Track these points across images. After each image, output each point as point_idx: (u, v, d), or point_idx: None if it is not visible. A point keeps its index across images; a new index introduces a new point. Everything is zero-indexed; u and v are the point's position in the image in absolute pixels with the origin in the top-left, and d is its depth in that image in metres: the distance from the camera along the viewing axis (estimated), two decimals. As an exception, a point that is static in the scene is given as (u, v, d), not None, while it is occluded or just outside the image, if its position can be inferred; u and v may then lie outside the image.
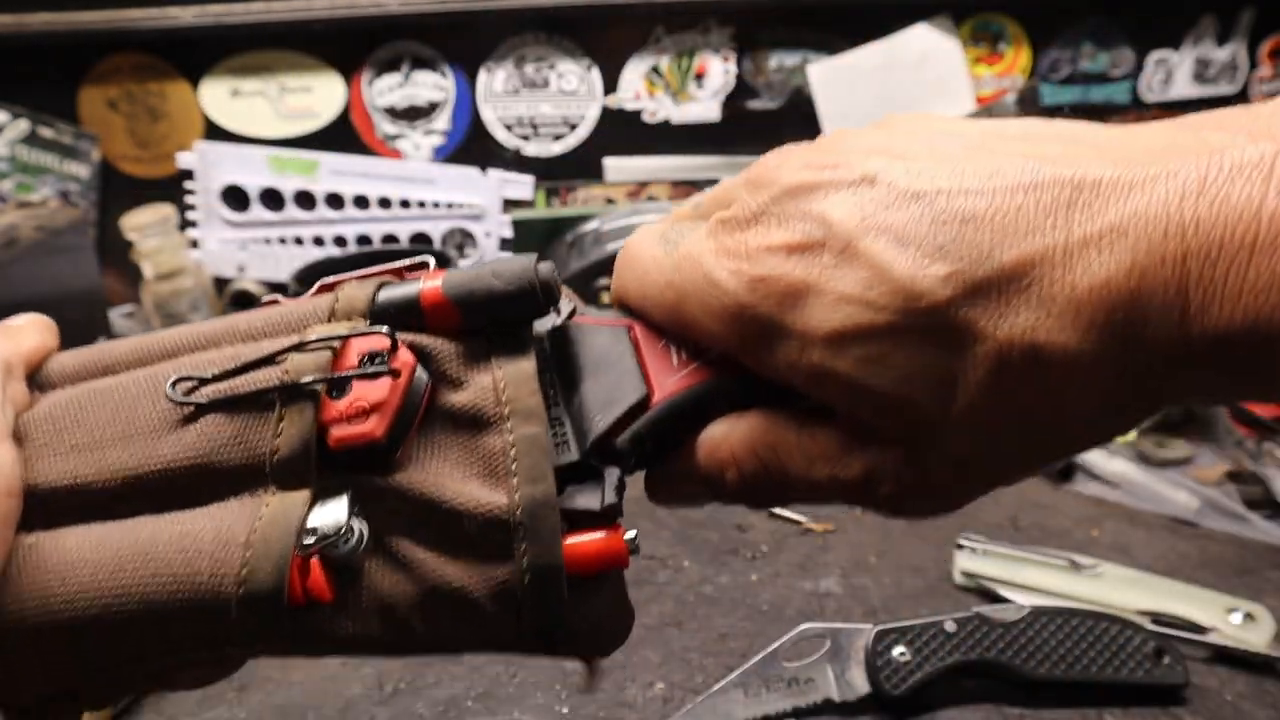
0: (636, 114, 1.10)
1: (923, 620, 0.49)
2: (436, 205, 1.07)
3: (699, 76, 1.09)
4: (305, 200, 1.06)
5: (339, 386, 0.27)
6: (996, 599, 0.57)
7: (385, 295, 0.29)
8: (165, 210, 0.96)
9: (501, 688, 0.51)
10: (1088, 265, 0.22)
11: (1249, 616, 0.52)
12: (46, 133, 1.03)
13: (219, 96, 1.06)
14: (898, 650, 0.48)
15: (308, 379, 0.27)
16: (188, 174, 1.05)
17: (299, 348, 0.27)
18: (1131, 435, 0.78)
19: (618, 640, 0.29)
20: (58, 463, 0.27)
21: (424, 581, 0.27)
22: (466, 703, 0.50)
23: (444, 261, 0.77)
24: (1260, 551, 0.63)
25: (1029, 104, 1.10)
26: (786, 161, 0.28)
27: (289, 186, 1.05)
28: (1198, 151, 0.22)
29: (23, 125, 1.02)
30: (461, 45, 1.06)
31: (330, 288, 0.31)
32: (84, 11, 0.98)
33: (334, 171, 1.06)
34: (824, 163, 0.27)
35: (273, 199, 1.06)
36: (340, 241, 1.07)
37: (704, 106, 1.11)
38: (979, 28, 1.10)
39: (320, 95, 1.07)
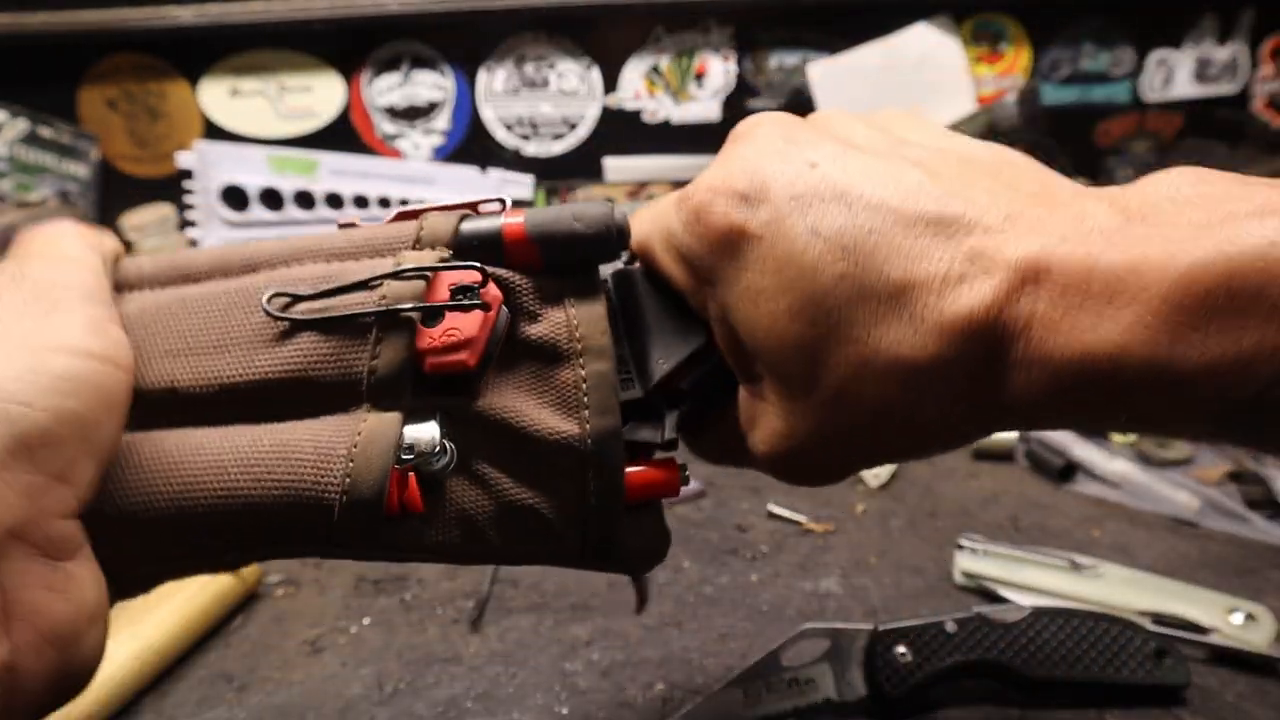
0: (636, 114, 1.10)
1: (923, 621, 0.49)
2: (436, 205, 1.07)
3: (699, 76, 1.09)
4: (305, 200, 1.06)
5: (432, 315, 0.29)
6: (997, 599, 0.57)
7: (469, 227, 0.31)
8: (165, 210, 0.96)
9: (501, 688, 0.51)
10: (958, 296, 0.26)
11: (1250, 617, 0.52)
12: (46, 132, 1.03)
13: (218, 96, 1.05)
14: (898, 650, 0.48)
15: (405, 306, 0.29)
16: (187, 174, 1.05)
17: (395, 275, 0.29)
18: (1133, 435, 0.78)
19: (658, 558, 0.33)
20: (154, 366, 0.29)
21: (502, 498, 0.29)
22: (466, 703, 0.50)
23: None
24: (1261, 552, 0.63)
25: (1029, 104, 1.10)
26: (766, 123, 0.32)
27: (288, 186, 1.05)
28: (1073, 214, 0.26)
29: (22, 125, 1.02)
30: (461, 45, 1.06)
31: (411, 215, 0.32)
32: (83, 11, 0.98)
33: (334, 171, 1.06)
34: (792, 135, 0.31)
35: (272, 199, 1.06)
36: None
37: (704, 106, 1.11)
38: (979, 27, 1.10)
39: (320, 95, 1.06)
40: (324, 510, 0.27)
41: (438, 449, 0.28)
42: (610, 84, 1.09)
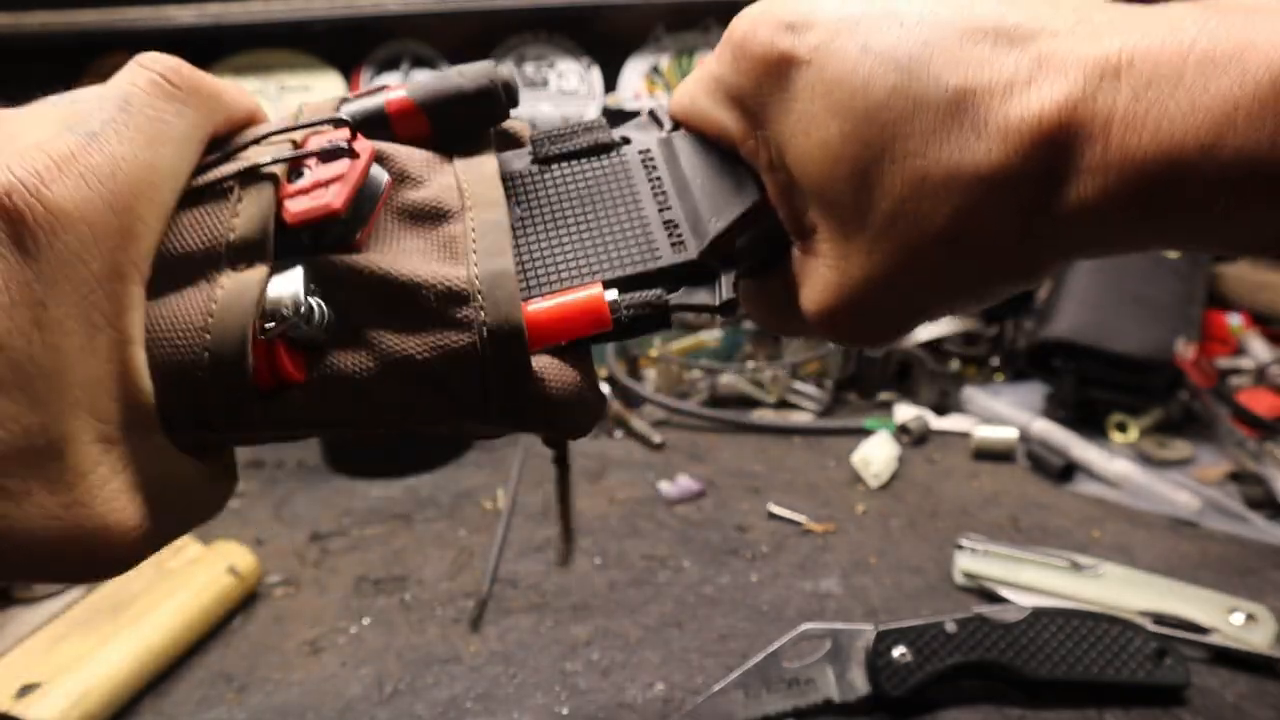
0: (636, 113, 1.10)
1: (923, 621, 0.49)
2: (436, 205, 1.07)
3: (699, 76, 1.09)
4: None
5: (298, 172, 0.27)
6: (997, 599, 0.57)
7: (351, 107, 0.30)
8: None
9: (501, 688, 0.51)
10: (1027, 99, 0.24)
11: (1250, 617, 0.52)
12: (46, 132, 1.03)
13: (218, 96, 1.05)
14: (898, 651, 0.48)
15: (264, 161, 0.27)
16: (187, 174, 1.05)
17: (257, 141, 0.28)
18: (1133, 436, 0.78)
19: (581, 414, 0.29)
20: None
21: (387, 356, 0.27)
22: (466, 703, 0.50)
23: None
24: (1261, 552, 0.62)
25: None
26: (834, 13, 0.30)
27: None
28: (1153, 12, 0.25)
29: (22, 125, 1.02)
30: (461, 45, 1.06)
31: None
32: (82, 11, 0.98)
33: (334, 171, 1.06)
34: None
35: (272, 199, 1.06)
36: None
37: (704, 106, 1.11)
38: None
39: (319, 94, 1.06)
40: (192, 387, 0.25)
41: (304, 308, 0.25)
42: (610, 84, 1.09)
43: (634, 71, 1.09)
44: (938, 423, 0.82)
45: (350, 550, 0.66)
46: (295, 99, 1.06)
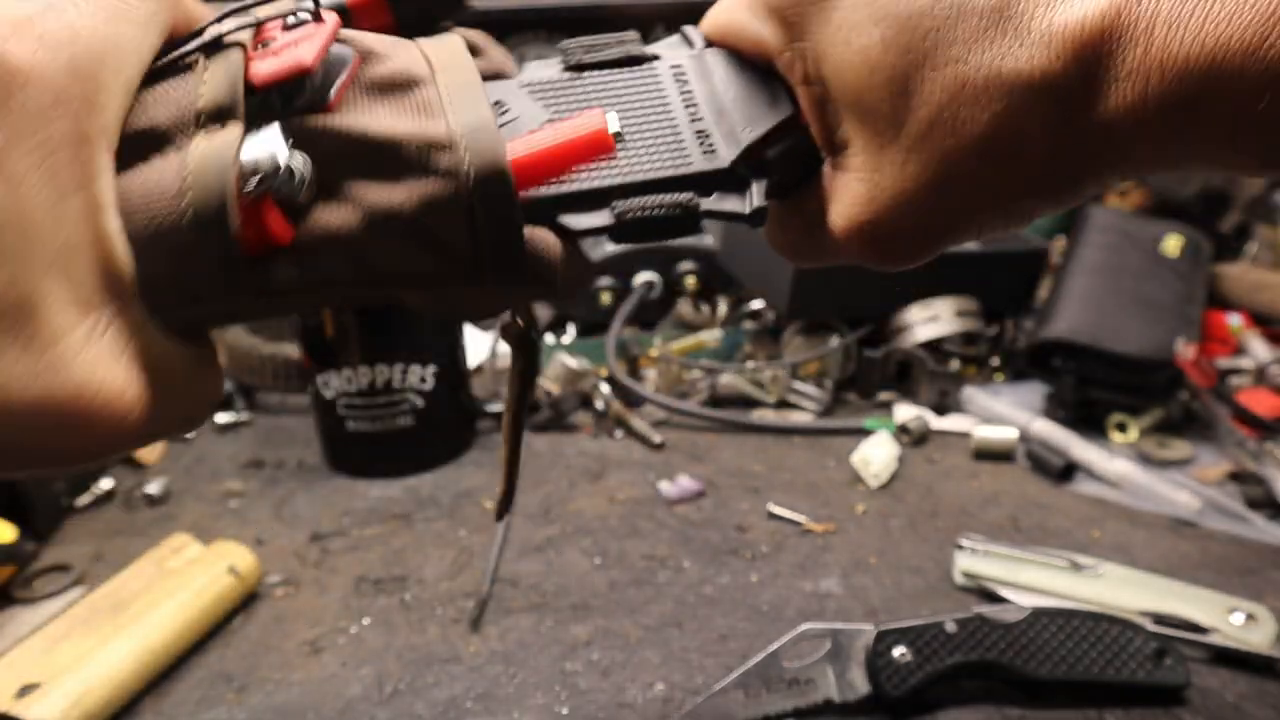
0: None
1: (923, 621, 0.49)
2: (436, 205, 1.07)
3: (699, 76, 1.09)
4: None
5: (264, 44, 0.27)
6: (997, 599, 0.57)
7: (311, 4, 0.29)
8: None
9: (501, 688, 0.51)
10: (1070, 5, 0.25)
11: (1250, 617, 0.52)
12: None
13: (219, 96, 1.05)
14: (898, 651, 0.48)
15: (227, 29, 0.27)
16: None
17: (218, 20, 0.27)
18: (1133, 436, 0.78)
19: (575, 270, 0.29)
20: None
21: (374, 211, 0.26)
22: (466, 703, 0.50)
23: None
24: (1262, 552, 0.62)
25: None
26: None
27: None
28: None
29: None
30: (461, 45, 1.06)
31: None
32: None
33: (334, 171, 1.06)
34: None
35: (272, 199, 1.06)
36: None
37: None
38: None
39: (320, 95, 1.07)
40: (175, 255, 0.24)
41: (284, 164, 0.25)
42: (610, 84, 1.09)
43: (634, 72, 1.09)
44: (938, 423, 0.82)
45: (350, 550, 0.66)
46: (295, 99, 1.06)
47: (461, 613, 0.58)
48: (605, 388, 0.87)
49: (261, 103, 0.26)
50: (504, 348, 0.94)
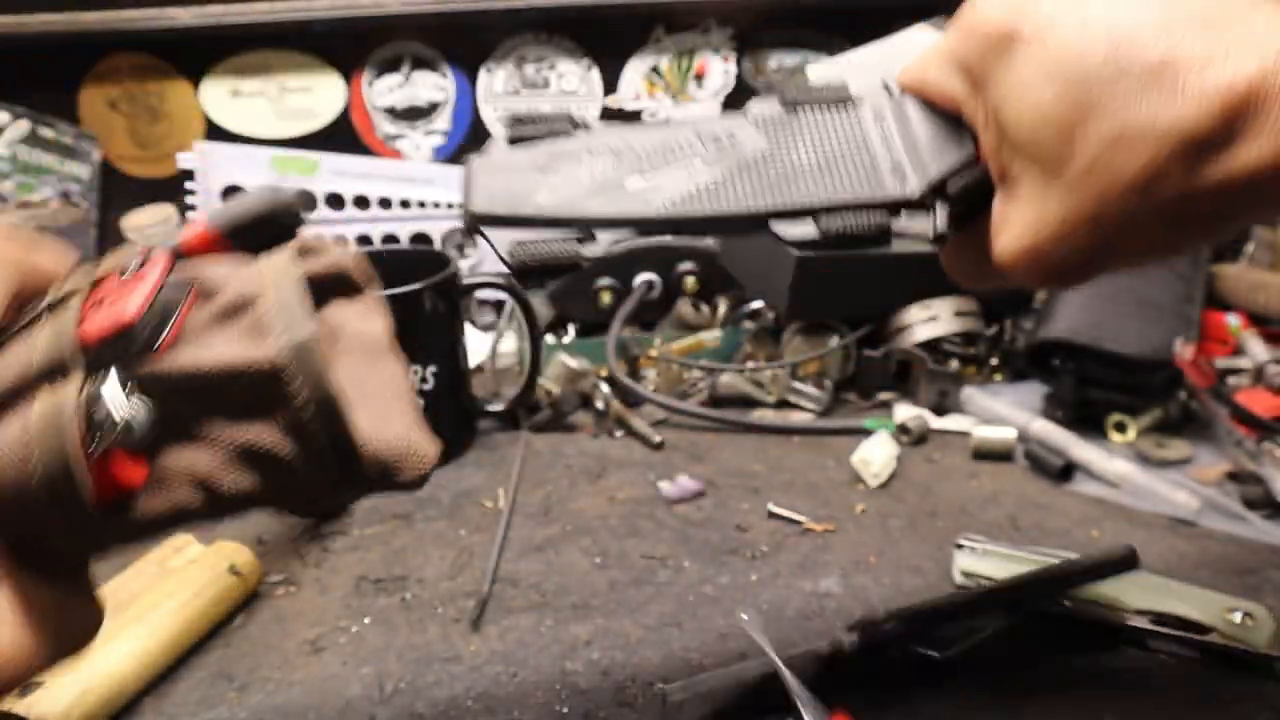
0: (636, 114, 1.10)
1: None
2: (437, 205, 1.07)
3: (699, 77, 1.09)
4: (306, 200, 1.06)
5: (99, 302, 0.28)
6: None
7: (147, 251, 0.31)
8: (166, 210, 0.96)
9: (501, 687, 0.51)
10: (1222, 69, 0.29)
11: (1249, 616, 0.52)
12: (47, 133, 1.03)
13: (219, 97, 1.06)
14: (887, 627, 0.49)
15: (64, 291, 0.28)
16: (188, 174, 1.05)
17: (68, 276, 0.29)
18: (1132, 435, 0.78)
19: (421, 462, 0.30)
20: None
21: (217, 441, 0.28)
22: (466, 702, 0.50)
23: (445, 261, 0.77)
24: (1260, 551, 0.63)
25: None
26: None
27: (290, 186, 1.05)
28: None
29: (23, 126, 1.02)
30: (461, 45, 1.06)
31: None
32: (84, 12, 0.98)
33: (334, 171, 1.06)
34: None
35: (273, 199, 1.06)
36: (340, 242, 1.07)
37: (704, 107, 1.11)
38: (979, 28, 1.10)
39: (320, 95, 1.07)
40: (29, 515, 0.25)
41: (124, 411, 0.26)
42: (610, 84, 1.09)
43: (634, 72, 1.09)
44: (937, 422, 0.82)
45: (351, 550, 0.66)
46: (296, 100, 1.07)
47: (462, 612, 0.58)
48: (605, 388, 0.87)
49: (98, 356, 0.27)
50: (504, 347, 0.95)
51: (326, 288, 0.33)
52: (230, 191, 1.05)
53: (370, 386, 0.31)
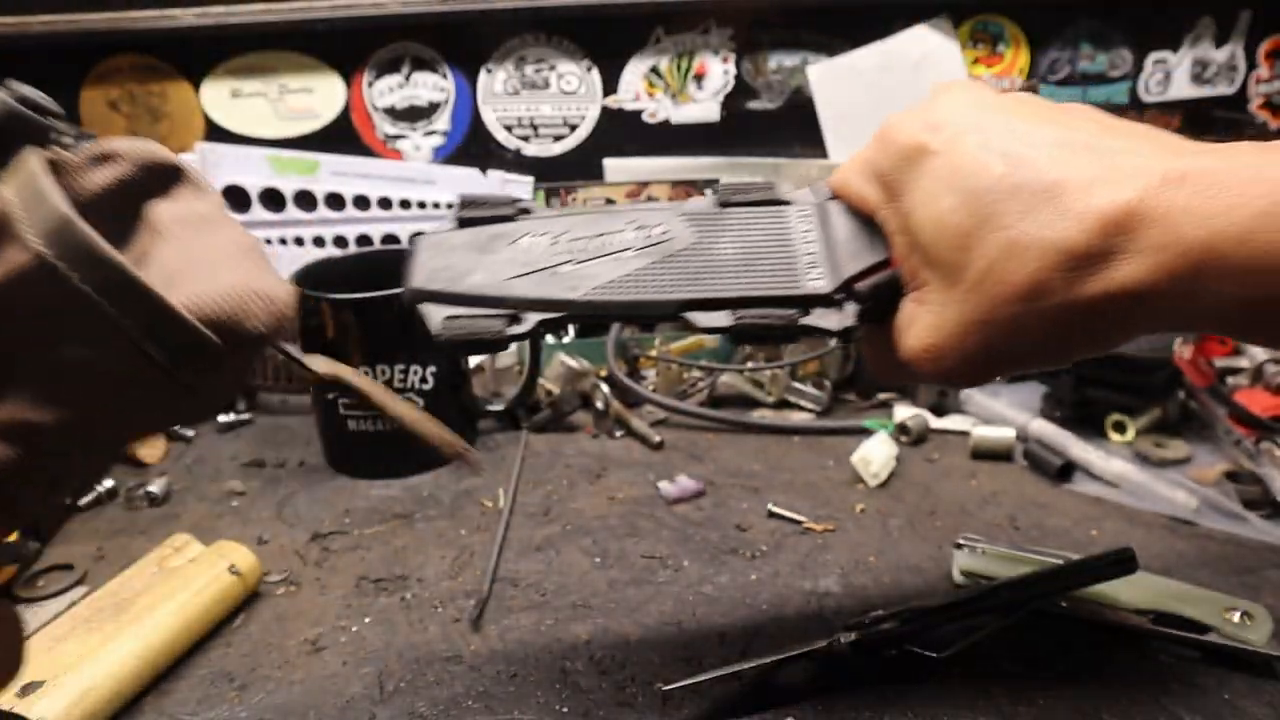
0: (636, 114, 1.10)
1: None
2: (437, 206, 1.07)
3: (698, 77, 1.09)
4: (306, 200, 1.06)
5: None
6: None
7: None
8: (166, 211, 0.96)
9: (501, 687, 0.52)
10: (1106, 192, 0.32)
11: (1247, 615, 0.52)
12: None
13: (219, 97, 1.06)
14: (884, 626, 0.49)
15: None
16: (188, 174, 1.05)
17: None
18: (1131, 435, 0.78)
19: (266, 307, 0.29)
20: None
21: (30, 384, 0.27)
22: (467, 702, 0.51)
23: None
24: (1259, 551, 0.63)
25: (1028, 105, 1.10)
26: (958, 85, 0.40)
27: (289, 187, 1.05)
28: (1206, 146, 0.33)
29: (23, 126, 1.02)
30: (461, 45, 1.06)
31: None
32: (84, 13, 0.98)
33: (334, 172, 1.06)
34: (978, 94, 0.39)
35: (273, 199, 1.06)
36: (341, 242, 1.07)
37: (703, 107, 1.11)
38: (978, 29, 1.10)
39: (320, 96, 1.07)
40: None
41: None
42: (610, 85, 1.09)
43: (634, 73, 1.09)
44: (936, 422, 0.82)
45: (351, 549, 0.66)
46: (296, 100, 1.07)
47: (462, 612, 0.59)
48: (605, 388, 0.87)
49: None
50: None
51: (137, 191, 0.31)
52: (231, 192, 1.05)
53: (199, 255, 0.29)
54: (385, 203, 1.07)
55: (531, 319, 0.42)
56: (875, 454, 0.74)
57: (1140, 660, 0.52)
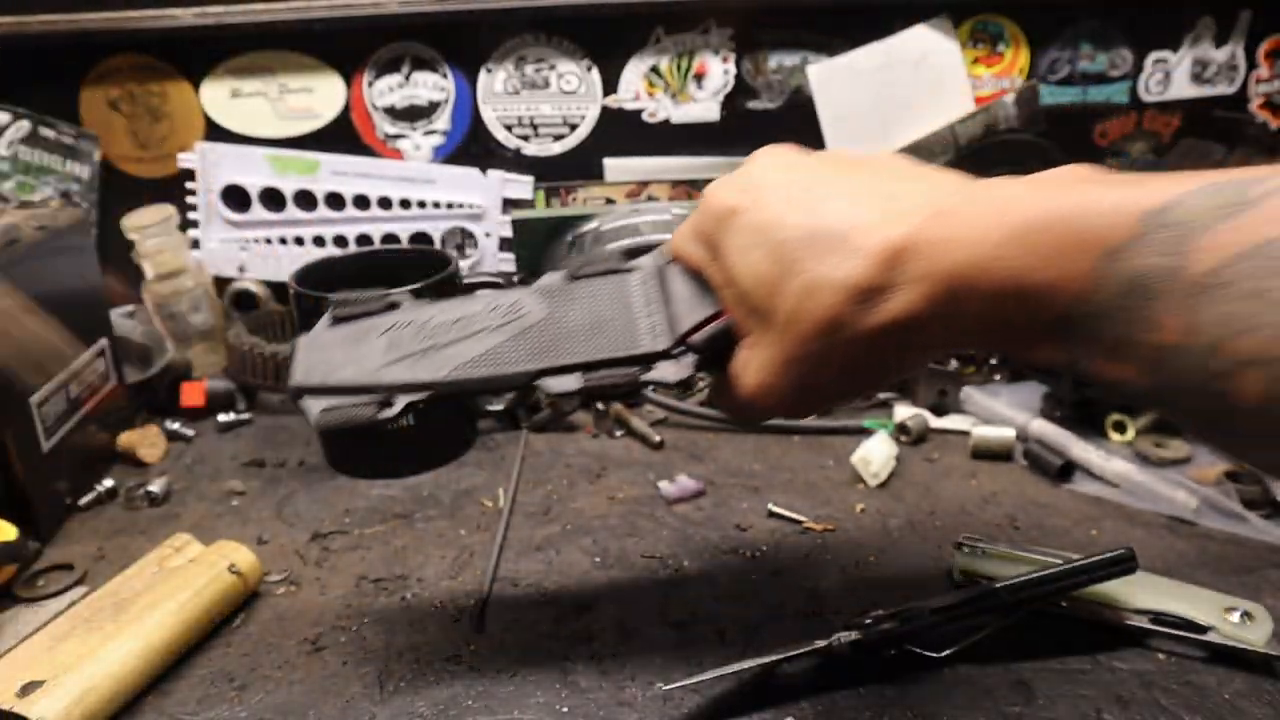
0: (636, 114, 1.10)
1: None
2: (436, 205, 1.07)
3: (698, 77, 1.09)
4: (306, 200, 1.06)
5: None
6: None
7: None
8: (166, 210, 0.96)
9: (501, 687, 0.52)
10: (883, 231, 0.37)
11: (1247, 615, 0.52)
12: (48, 133, 1.03)
13: (219, 97, 1.06)
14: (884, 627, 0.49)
15: None
16: (189, 174, 1.05)
17: None
18: (1131, 435, 0.78)
19: None
20: None
21: None
22: (466, 702, 0.51)
23: (445, 261, 0.77)
24: (1258, 551, 0.63)
25: (1028, 104, 1.10)
26: (766, 151, 0.47)
27: (289, 186, 1.05)
28: (960, 183, 0.39)
29: (24, 126, 1.02)
30: (461, 45, 1.06)
31: None
32: (84, 12, 0.98)
33: (334, 172, 1.06)
34: (783, 158, 0.45)
35: (273, 199, 1.06)
36: (340, 241, 1.07)
37: (703, 107, 1.11)
38: (978, 29, 1.10)
39: (320, 95, 1.07)
40: None
41: None
42: (610, 84, 1.09)
43: (634, 72, 1.09)
44: (936, 422, 0.82)
45: (351, 549, 0.66)
46: (296, 100, 1.07)
47: (462, 611, 0.59)
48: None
49: None
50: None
51: None
52: (231, 192, 1.05)
53: None
54: (385, 202, 1.07)
55: (401, 400, 0.47)
56: (875, 454, 0.74)
57: (1140, 660, 0.52)
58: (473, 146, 1.10)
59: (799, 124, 1.11)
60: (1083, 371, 0.35)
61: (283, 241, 1.07)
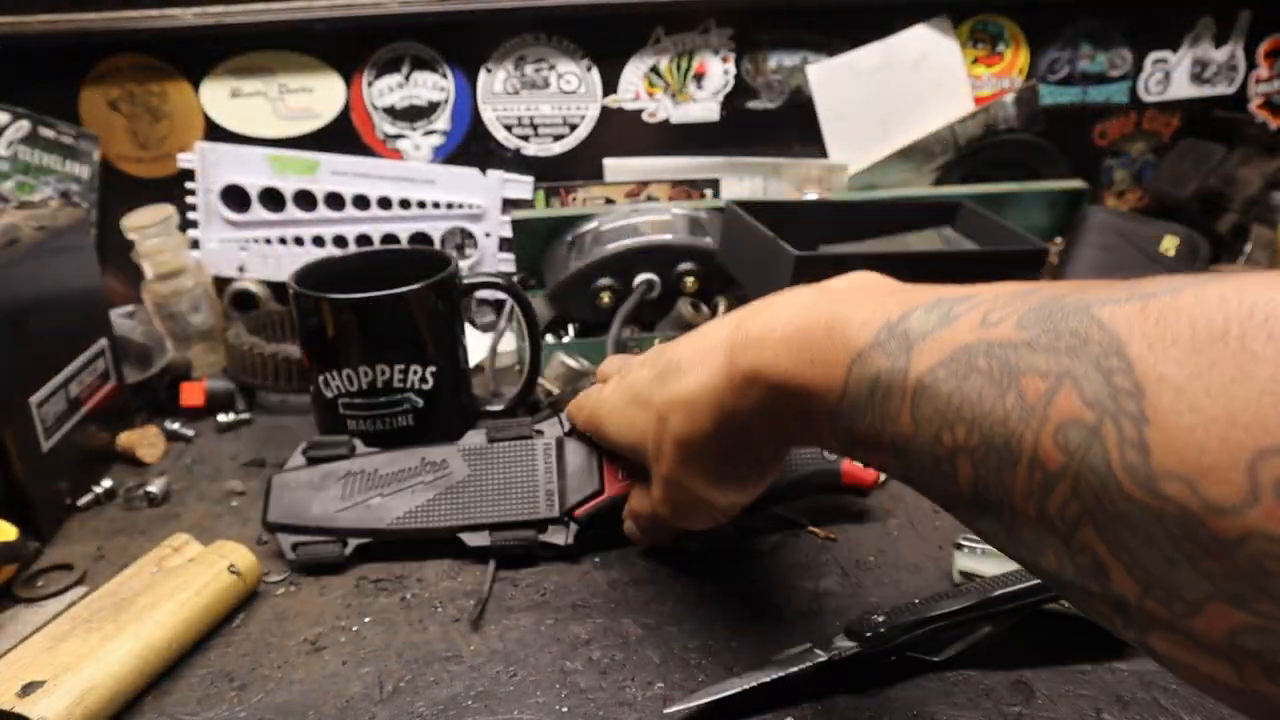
0: (636, 114, 1.10)
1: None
2: (436, 205, 1.07)
3: (698, 77, 1.10)
4: (305, 200, 1.06)
5: None
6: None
7: None
8: (166, 210, 0.96)
9: (501, 687, 0.52)
10: (714, 361, 0.46)
11: (1247, 616, 0.52)
12: (47, 133, 1.03)
13: (219, 96, 1.06)
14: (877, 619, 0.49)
15: None
16: (188, 174, 1.05)
17: None
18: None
19: None
20: None
21: None
22: (466, 702, 0.51)
23: (445, 261, 0.77)
24: (1258, 551, 0.63)
25: (1028, 104, 1.10)
26: (638, 358, 0.57)
27: (289, 186, 1.05)
28: (787, 295, 0.45)
29: (24, 126, 1.02)
30: (461, 45, 1.07)
31: None
32: (84, 12, 0.98)
33: (334, 172, 1.06)
34: (647, 356, 0.56)
35: (273, 199, 1.06)
36: (340, 241, 1.07)
37: (703, 107, 1.11)
38: (977, 28, 1.10)
39: (320, 95, 1.07)
40: None
41: None
42: (610, 84, 1.09)
43: (634, 72, 1.09)
44: (936, 423, 0.82)
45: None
46: (296, 100, 1.07)
47: (462, 612, 0.59)
48: (605, 388, 0.87)
49: None
50: (504, 347, 0.95)
51: None
52: (231, 192, 1.05)
53: None
54: (385, 202, 1.07)
55: (354, 543, 0.61)
56: (875, 454, 0.74)
57: (1140, 660, 0.52)
58: (472, 146, 1.10)
59: (799, 124, 1.11)
60: (861, 460, 0.41)
61: (282, 241, 1.07)
